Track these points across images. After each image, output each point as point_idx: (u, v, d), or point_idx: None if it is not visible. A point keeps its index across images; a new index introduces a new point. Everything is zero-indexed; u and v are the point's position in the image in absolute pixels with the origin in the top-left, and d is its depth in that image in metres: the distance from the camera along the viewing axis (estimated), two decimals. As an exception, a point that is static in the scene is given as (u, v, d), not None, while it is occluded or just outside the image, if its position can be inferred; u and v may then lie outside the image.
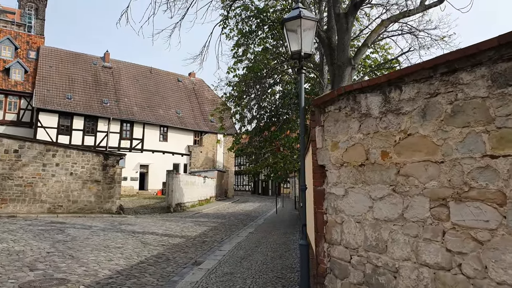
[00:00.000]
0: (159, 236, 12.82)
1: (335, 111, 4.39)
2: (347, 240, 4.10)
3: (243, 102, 19.67)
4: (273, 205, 33.57)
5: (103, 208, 20.57)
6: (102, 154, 21.20)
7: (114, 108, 39.27)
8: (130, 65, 45.39)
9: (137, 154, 40.26)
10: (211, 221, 18.93)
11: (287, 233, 13.47)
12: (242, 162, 63.09)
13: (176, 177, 25.53)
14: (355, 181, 4.06)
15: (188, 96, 47.79)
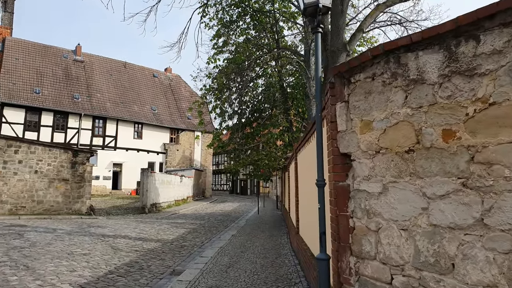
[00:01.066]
0: (132, 240, 11.51)
1: (366, 80, 3.29)
2: (387, 253, 3.01)
3: (223, 96, 18.47)
4: (253, 205, 32.47)
5: (71, 209, 19.00)
6: (71, 151, 19.60)
7: (86, 104, 37.34)
8: (103, 59, 43.41)
9: (110, 152, 38.43)
10: (189, 222, 17.66)
11: (273, 235, 12.38)
12: (220, 161, 61.71)
13: (151, 176, 24.09)
14: (398, 174, 2.97)
15: (164, 92, 46.14)
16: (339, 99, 3.54)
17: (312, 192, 6.00)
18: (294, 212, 9.75)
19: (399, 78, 2.99)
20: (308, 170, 6.42)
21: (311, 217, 6.21)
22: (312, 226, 6.19)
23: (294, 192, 8.94)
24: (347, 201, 3.40)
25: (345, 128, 3.47)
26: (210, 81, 18.18)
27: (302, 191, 7.96)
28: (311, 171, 5.87)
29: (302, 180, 7.82)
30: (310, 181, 6.23)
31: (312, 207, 6.13)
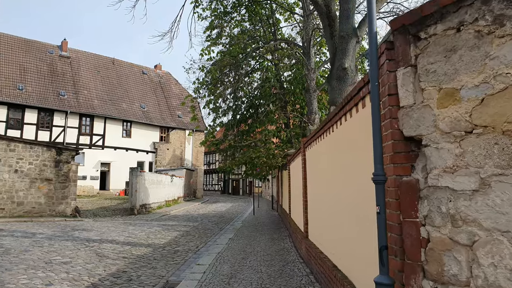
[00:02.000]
0: (120, 245, 10.45)
1: (448, 32, 2.34)
2: (490, 279, 2.06)
3: (217, 91, 17.47)
4: (247, 205, 31.51)
5: (55, 211, 17.82)
6: (54, 149, 18.40)
7: (72, 101, 35.98)
8: (91, 55, 42.04)
9: (98, 151, 37.13)
10: (181, 224, 16.62)
11: (274, 239, 11.42)
12: (212, 161, 60.61)
13: (140, 176, 22.99)
14: (508, 163, 2.02)
15: (154, 89, 44.91)
16: (402, 63, 2.59)
17: (329, 192, 5.06)
18: (300, 214, 8.80)
19: (508, 23, 2.05)
20: (327, 166, 5.48)
21: (330, 221, 5.27)
22: (330, 230, 5.25)
23: (302, 192, 7.99)
24: (416, 203, 2.45)
25: (412, 102, 2.51)
26: (204, 74, 17.16)
27: (313, 191, 7.02)
28: (334, 167, 4.92)
29: (314, 179, 6.88)
30: (328, 180, 5.29)
31: (330, 209, 5.19)
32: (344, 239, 4.50)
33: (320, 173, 6.08)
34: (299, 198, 9.56)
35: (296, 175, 10.68)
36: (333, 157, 4.91)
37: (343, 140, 4.33)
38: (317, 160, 6.40)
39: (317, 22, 16.06)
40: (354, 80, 9.42)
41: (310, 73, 14.71)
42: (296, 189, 10.57)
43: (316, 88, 14.99)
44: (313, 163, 6.96)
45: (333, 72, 9.49)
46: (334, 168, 4.82)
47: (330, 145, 5.08)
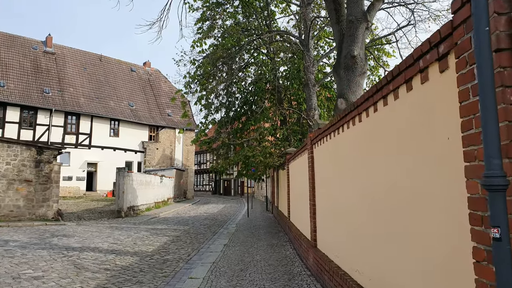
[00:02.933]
0: (103, 254, 9.38)
1: None
2: None
3: (209, 86, 16.45)
4: (239, 206, 30.52)
5: (35, 215, 16.63)
6: (34, 148, 17.20)
7: (57, 99, 34.63)
8: (77, 51, 40.65)
9: (84, 151, 35.83)
10: (171, 228, 15.55)
11: (273, 245, 10.43)
12: (203, 160, 59.45)
13: (128, 176, 21.85)
14: None
15: (143, 87, 43.65)
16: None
17: (352, 197, 4.09)
18: (305, 219, 7.83)
19: None
20: (351, 165, 4.51)
21: (353, 231, 4.31)
22: (353, 242, 4.29)
23: (310, 194, 7.02)
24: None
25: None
26: (195, 68, 16.11)
27: (325, 194, 6.05)
28: (363, 166, 3.95)
29: (327, 180, 5.92)
30: (352, 182, 4.33)
31: (354, 217, 4.23)
32: (377, 256, 3.54)
33: (337, 173, 5.11)
34: (302, 201, 8.59)
35: (298, 175, 9.71)
36: (363, 154, 3.92)
37: (384, 130, 3.35)
38: (332, 158, 5.43)
39: (316, 14, 15.13)
40: (364, 70, 8.48)
41: (309, 66, 13.76)
42: (298, 191, 9.61)
43: (315, 83, 14.05)
44: (325, 161, 5.98)
45: (341, 61, 8.54)
46: (364, 168, 3.84)
47: (359, 139, 4.10)
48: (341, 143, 4.87)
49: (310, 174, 6.99)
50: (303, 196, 8.41)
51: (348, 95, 8.30)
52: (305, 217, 8.09)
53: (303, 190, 8.47)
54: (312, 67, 13.87)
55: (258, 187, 38.53)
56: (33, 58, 36.07)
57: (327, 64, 17.93)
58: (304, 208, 8.25)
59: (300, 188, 8.94)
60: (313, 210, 6.78)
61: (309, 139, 6.96)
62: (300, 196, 9.03)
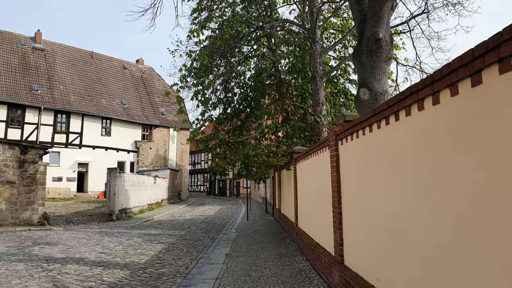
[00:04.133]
0: (89, 267, 8.20)
1: None
2: None
3: (206, 80, 15.30)
4: (236, 207, 29.37)
5: (19, 219, 15.39)
6: (17, 147, 15.94)
7: (46, 96, 33.30)
8: (67, 48, 39.26)
9: (75, 151, 34.55)
10: (165, 233, 14.38)
11: (282, 255, 9.29)
12: (197, 160, 58.18)
13: (119, 177, 20.64)
14: None
15: (135, 85, 42.34)
16: None
17: (408, 207, 2.97)
18: (326, 228, 6.71)
19: None
20: (406, 166, 3.40)
21: (410, 251, 3.20)
22: (413, 267, 3.18)
23: (333, 199, 5.91)
24: None
25: None
26: (191, 60, 14.94)
27: (357, 200, 4.94)
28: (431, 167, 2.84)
29: (360, 184, 4.82)
30: (407, 187, 3.21)
31: (412, 234, 3.12)
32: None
33: (386, 177, 3.99)
34: (318, 207, 7.48)
35: (310, 176, 8.60)
36: (441, 151, 2.79)
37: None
38: (376, 157, 4.31)
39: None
40: (390, 55, 7.38)
41: (316, 57, 12.66)
42: (311, 195, 8.49)
43: (323, 75, 12.95)
44: (360, 161, 4.87)
45: (362, 45, 7.43)
46: (449, 171, 2.71)
47: (428, 131, 2.98)
48: (393, 138, 3.75)
49: (334, 176, 5.87)
50: (320, 201, 7.29)
51: (372, 84, 7.20)
52: (323, 225, 6.97)
53: (319, 194, 7.36)
54: (319, 58, 12.77)
55: (255, 188, 37.39)
56: (21, 55, 34.68)
57: (332, 57, 16.84)
58: (321, 215, 7.14)
59: (315, 192, 7.83)
60: (338, 220, 5.66)
61: (333, 134, 5.84)
62: (314, 200, 7.91)
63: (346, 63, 16.26)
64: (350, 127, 5.10)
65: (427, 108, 2.99)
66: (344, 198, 5.55)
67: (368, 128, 4.39)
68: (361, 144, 4.80)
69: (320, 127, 12.35)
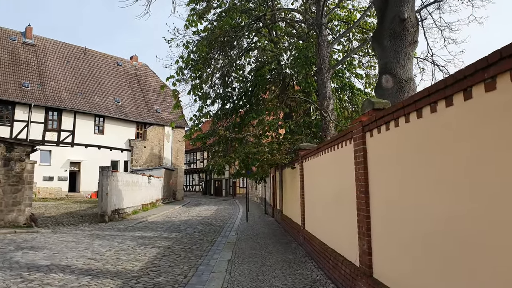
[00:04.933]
0: (75, 276, 7.31)
1: None
2: None
3: (204, 74, 14.43)
4: (233, 208, 28.51)
5: (4, 220, 14.46)
6: (3, 143, 14.98)
7: (37, 93, 32.24)
8: (59, 43, 38.15)
9: (67, 149, 33.50)
10: (161, 236, 13.49)
11: (290, 262, 8.44)
12: (193, 159, 57.20)
13: (112, 176, 19.71)
14: None
15: (130, 82, 41.31)
16: None
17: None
18: (345, 233, 5.89)
19: None
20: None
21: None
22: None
23: (358, 201, 5.08)
24: None
25: None
26: (188, 52, 14.05)
27: (399, 202, 4.10)
28: None
29: (400, 182, 3.98)
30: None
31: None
32: None
33: (431, 173, 3.17)
34: (334, 209, 6.66)
35: (322, 175, 7.77)
36: None
37: None
38: (417, 150, 3.48)
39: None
40: (415, 38, 6.56)
41: (323, 48, 11.83)
42: (323, 195, 7.66)
43: (330, 68, 12.12)
44: (394, 156, 4.05)
45: (384, 26, 6.60)
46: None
47: None
48: (452, 126, 2.91)
49: (359, 174, 5.04)
50: (337, 203, 6.46)
51: (396, 70, 6.38)
52: (341, 230, 6.14)
53: (336, 195, 6.52)
54: (326, 49, 11.94)
55: (252, 187, 36.53)
56: (10, 50, 33.57)
57: (336, 50, 15.98)
58: (339, 218, 6.31)
59: (330, 192, 6.99)
60: (365, 225, 4.82)
61: (359, 125, 5.00)
62: (329, 201, 7.08)
63: (351, 56, 15.45)
64: (382, 116, 4.27)
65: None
66: (374, 200, 4.71)
67: (414, 115, 3.54)
68: (400, 136, 3.96)
69: (327, 122, 11.51)
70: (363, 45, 14.09)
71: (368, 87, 15.72)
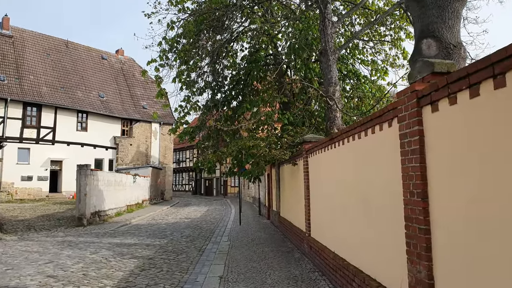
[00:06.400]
0: (23, 303, 5.65)
1: None
2: None
3: (191, 60, 12.80)
4: (224, 208, 26.89)
5: (-37, 226, 12.65)
6: (-38, 139, 13.16)
7: (14, 87, 30.22)
8: (39, 35, 36.09)
9: (47, 147, 31.55)
10: (142, 243, 11.82)
11: (297, 279, 6.84)
12: (182, 158, 55.38)
13: (92, 175, 17.99)
14: None
15: (115, 77, 39.38)
16: None
17: None
18: (387, 251, 4.32)
19: None
20: None
21: None
22: None
23: (411, 204, 3.50)
24: None
25: None
26: (174, 33, 12.38)
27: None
28: None
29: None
30: None
31: None
32: None
33: None
34: (358, 214, 5.11)
35: (338, 171, 6.21)
36: None
37: None
38: None
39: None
40: (465, -8, 5.00)
41: (328, 25, 10.26)
42: (338, 196, 6.10)
43: (336, 49, 10.57)
44: (484, 141, 2.48)
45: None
46: None
47: None
48: None
49: (409, 169, 3.47)
50: (364, 207, 4.90)
51: (442, 32, 4.83)
52: (369, 244, 4.60)
53: (362, 197, 4.96)
54: (332, 28, 10.38)
55: (245, 186, 34.92)
56: (-15, 41, 31.49)
57: (341, 35, 14.37)
58: (368, 228, 4.75)
59: (352, 193, 5.43)
60: (424, 242, 3.25)
61: (412, 96, 3.42)
62: (350, 205, 5.52)
63: (356, 40, 13.94)
64: (456, 79, 2.71)
65: None
66: (438, 206, 3.14)
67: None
68: (489, 109, 2.40)
69: (333, 112, 9.95)
70: (370, 25, 12.48)
71: (375, 74, 14.21)
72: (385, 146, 4.13)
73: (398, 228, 3.76)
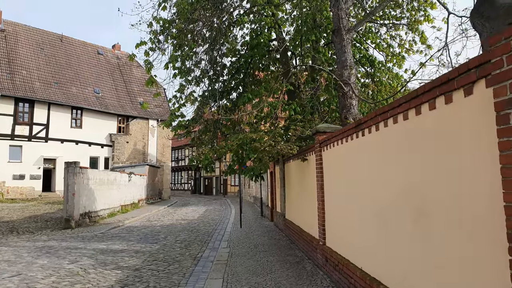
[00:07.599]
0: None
1: None
2: None
3: (186, 47, 11.44)
4: (224, 208, 25.54)
5: None
6: None
7: (5, 82, 28.91)
8: (32, 29, 34.73)
9: (40, 145, 30.25)
10: (131, 249, 10.48)
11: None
12: (181, 156, 54.03)
13: (81, 174, 16.69)
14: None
15: (111, 72, 38.02)
16: None
17: None
18: (461, 279, 2.95)
19: None
20: None
21: None
22: None
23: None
24: None
25: None
26: (166, 13, 11.06)
27: None
28: None
29: None
30: None
31: None
32: None
33: None
34: (405, 228, 3.76)
35: (367, 169, 4.85)
36: None
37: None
38: None
39: None
40: None
41: (341, 1, 8.90)
42: (369, 201, 4.75)
43: (351, 28, 9.21)
44: None
45: None
46: None
47: None
48: None
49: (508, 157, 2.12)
50: (416, 218, 3.54)
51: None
52: (437, 271, 3.24)
53: (412, 204, 3.61)
54: (345, 3, 9.02)
55: (245, 185, 33.54)
56: (-25, 34, 30.16)
57: (352, 15, 12.97)
58: (424, 247, 3.40)
59: (389, 197, 4.08)
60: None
61: (507, 44, 2.07)
62: (391, 215, 4.17)
63: (369, 24, 12.57)
64: None
65: None
66: None
67: None
68: None
69: (348, 99, 8.60)
70: (387, 2, 11.00)
71: (390, 60, 12.81)
72: (457, 127, 2.77)
73: (494, 250, 2.40)
